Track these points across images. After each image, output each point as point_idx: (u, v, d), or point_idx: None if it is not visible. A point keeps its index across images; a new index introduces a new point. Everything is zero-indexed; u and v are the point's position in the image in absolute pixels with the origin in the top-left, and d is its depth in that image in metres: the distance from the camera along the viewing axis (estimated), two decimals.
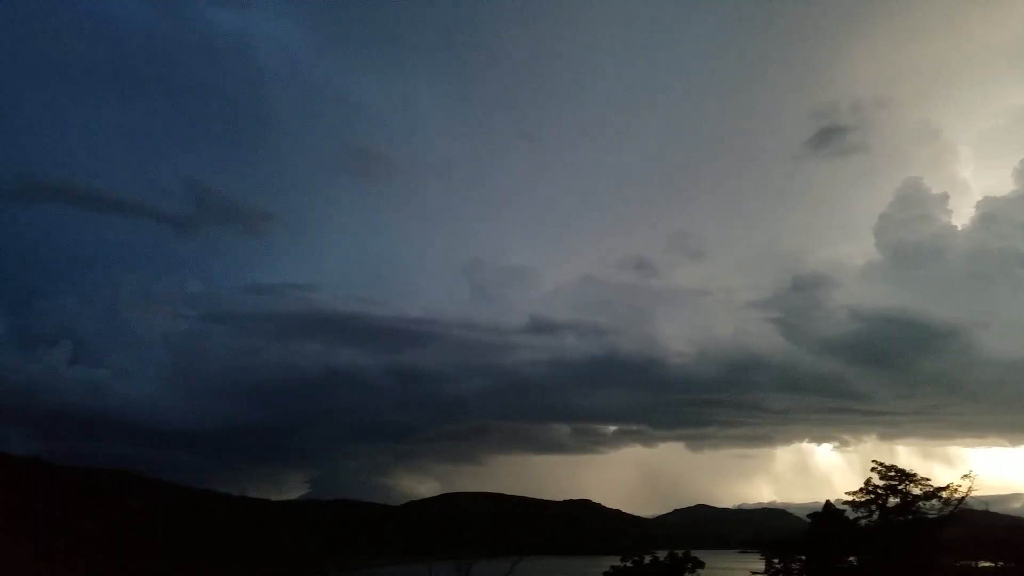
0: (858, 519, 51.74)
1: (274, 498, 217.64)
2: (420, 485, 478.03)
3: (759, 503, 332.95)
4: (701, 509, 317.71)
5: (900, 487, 50.22)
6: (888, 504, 50.31)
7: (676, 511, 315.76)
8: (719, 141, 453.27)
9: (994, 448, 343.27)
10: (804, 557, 53.97)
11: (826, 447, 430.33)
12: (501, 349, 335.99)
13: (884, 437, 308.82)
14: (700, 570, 56.94)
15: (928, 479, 50.17)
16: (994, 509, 65.70)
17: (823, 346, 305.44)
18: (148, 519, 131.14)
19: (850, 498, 51.67)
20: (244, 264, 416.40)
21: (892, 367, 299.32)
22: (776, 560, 55.14)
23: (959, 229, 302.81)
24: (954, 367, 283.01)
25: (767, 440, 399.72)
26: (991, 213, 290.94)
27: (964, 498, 48.79)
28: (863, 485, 51.23)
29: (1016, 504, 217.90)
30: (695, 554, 58.67)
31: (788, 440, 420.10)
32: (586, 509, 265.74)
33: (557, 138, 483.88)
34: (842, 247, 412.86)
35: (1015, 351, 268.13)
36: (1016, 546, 58.33)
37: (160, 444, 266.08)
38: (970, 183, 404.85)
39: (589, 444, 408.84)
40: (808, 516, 57.92)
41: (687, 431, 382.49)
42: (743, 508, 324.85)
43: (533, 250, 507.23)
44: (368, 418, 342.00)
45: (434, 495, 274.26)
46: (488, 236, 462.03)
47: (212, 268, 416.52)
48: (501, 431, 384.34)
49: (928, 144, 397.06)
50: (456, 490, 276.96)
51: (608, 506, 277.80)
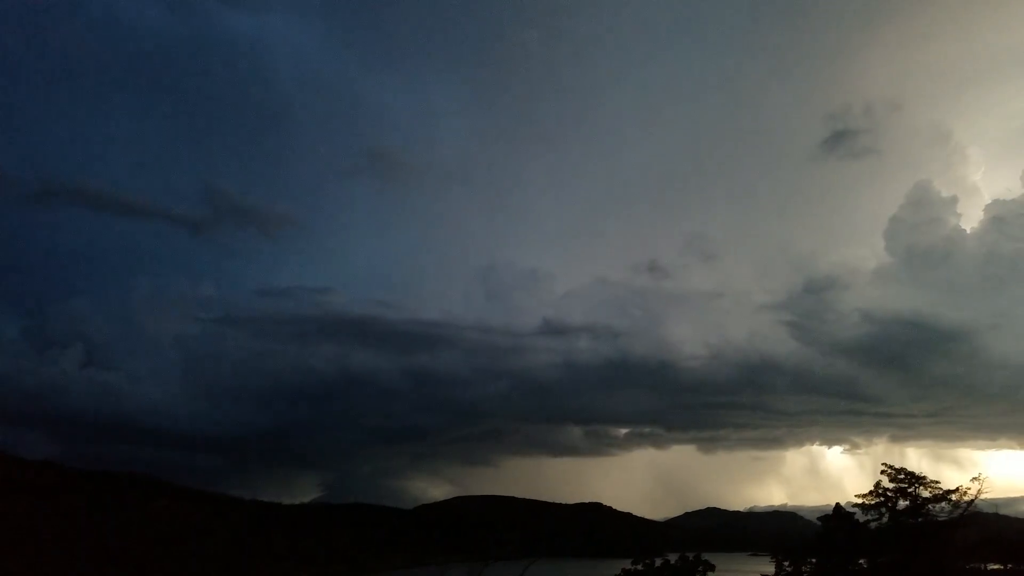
0: (868, 522, 51.96)
1: (286, 501, 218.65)
2: (433, 488, 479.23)
3: (770, 506, 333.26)
4: (712, 512, 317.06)
5: (910, 490, 50.40)
6: (898, 507, 50.51)
7: (687, 514, 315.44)
8: (733, 144, 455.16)
9: (1004, 451, 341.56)
10: (814, 560, 54.24)
11: (837, 450, 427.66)
12: (515, 352, 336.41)
13: (895, 440, 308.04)
14: (711, 573, 57.28)
15: (938, 482, 50.39)
16: (1004, 512, 65.87)
17: (835, 348, 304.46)
18: (161, 523, 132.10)
19: (860, 501, 51.95)
20: (259, 267, 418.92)
21: (903, 370, 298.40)
22: (787, 563, 55.46)
23: (968, 232, 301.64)
24: (965, 370, 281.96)
25: (779, 443, 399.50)
26: (1000, 216, 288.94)
27: (974, 501, 48.96)
28: (873, 488, 51.49)
29: None
30: (706, 557, 59.05)
31: (800, 443, 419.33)
32: (597, 512, 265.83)
33: (572, 141, 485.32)
34: (854, 249, 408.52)
35: None
36: None
37: (175, 447, 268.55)
38: (980, 186, 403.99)
39: (601, 446, 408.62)
40: (818, 519, 58.12)
41: (700, 433, 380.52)
42: (754, 511, 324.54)
43: (547, 253, 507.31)
44: (383, 421, 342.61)
45: (447, 498, 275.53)
46: (503, 239, 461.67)
47: (227, 271, 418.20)
48: (514, 434, 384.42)
49: (938, 147, 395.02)
50: (469, 493, 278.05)
51: (619, 509, 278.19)
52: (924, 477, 50.56)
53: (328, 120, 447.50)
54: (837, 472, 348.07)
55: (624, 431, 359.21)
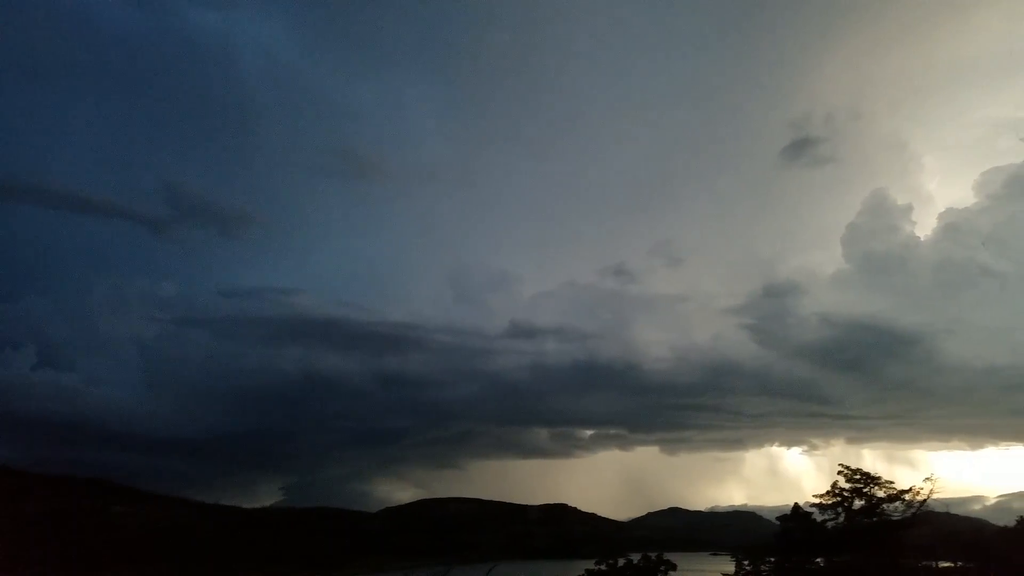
0: (825, 521, 53.36)
1: (248, 505, 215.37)
2: (399, 491, 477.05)
3: (731, 506, 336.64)
4: (675, 512, 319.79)
5: (865, 490, 51.92)
6: (854, 507, 51.98)
7: (651, 514, 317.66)
8: (699, 150, 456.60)
9: (956, 452, 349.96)
10: (773, 559, 55.46)
11: (796, 451, 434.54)
12: (484, 354, 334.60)
13: (852, 441, 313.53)
14: (673, 572, 58.29)
15: (892, 482, 51.98)
16: (955, 511, 67.75)
17: (795, 352, 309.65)
18: (122, 528, 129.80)
19: (818, 501, 53.35)
20: (222, 267, 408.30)
21: (860, 373, 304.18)
22: (746, 562, 56.63)
23: (922, 240, 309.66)
24: (920, 373, 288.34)
25: (741, 444, 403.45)
26: (953, 224, 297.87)
27: (926, 500, 50.60)
28: (830, 488, 52.92)
29: (976, 506, 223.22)
30: (668, 556, 60.05)
31: (760, 444, 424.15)
32: (563, 513, 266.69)
33: (543, 145, 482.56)
34: (813, 255, 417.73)
35: (978, 358, 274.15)
36: (976, 547, 60.26)
37: (135, 451, 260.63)
38: (934, 195, 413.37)
39: (568, 448, 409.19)
40: (777, 519, 59.41)
41: (664, 435, 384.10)
42: (715, 511, 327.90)
43: (517, 255, 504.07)
44: (349, 424, 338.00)
45: (413, 501, 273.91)
46: (472, 241, 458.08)
47: (189, 271, 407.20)
48: (483, 436, 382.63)
49: (895, 156, 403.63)
50: (435, 496, 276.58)
51: (584, 510, 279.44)
52: (879, 478, 52.13)
53: (297, 118, 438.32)
54: (796, 473, 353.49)
55: (590, 433, 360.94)
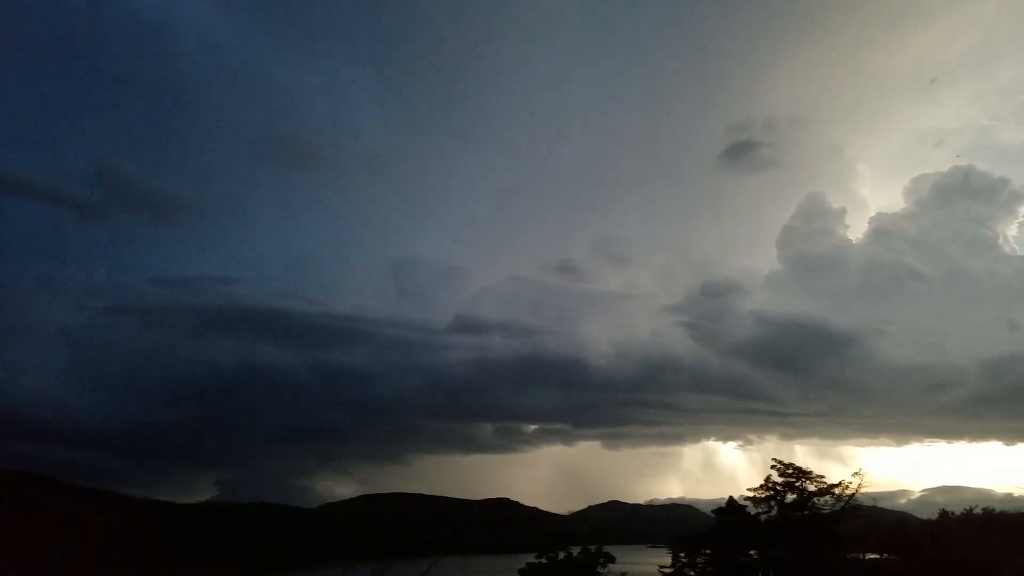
0: (759, 514, 54.68)
1: (181, 500, 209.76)
2: (339, 487, 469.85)
3: (668, 499, 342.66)
4: (614, 505, 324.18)
5: (797, 484, 53.46)
6: (786, 500, 53.44)
7: (591, 507, 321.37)
8: (642, 150, 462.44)
9: (884, 448, 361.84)
10: (708, 552, 56.51)
11: (731, 445, 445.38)
12: (428, 348, 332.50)
13: (785, 437, 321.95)
14: (611, 565, 58.87)
15: (823, 476, 53.66)
16: (882, 505, 69.84)
17: (731, 350, 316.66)
18: (51, 523, 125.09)
19: (752, 494, 54.66)
20: (155, 254, 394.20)
21: (794, 371, 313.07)
22: (682, 554, 57.57)
23: (854, 243, 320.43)
24: (851, 372, 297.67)
25: (679, 439, 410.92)
26: (883, 228, 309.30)
27: (855, 494, 52.35)
28: (764, 482, 54.29)
29: (902, 500, 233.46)
30: (607, 549, 60.67)
31: (698, 439, 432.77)
32: (505, 507, 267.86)
33: (489, 139, 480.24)
34: (751, 256, 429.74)
35: (905, 358, 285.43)
36: (902, 540, 62.44)
37: (65, 443, 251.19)
38: (867, 199, 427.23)
39: (511, 443, 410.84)
40: (713, 511, 60.62)
41: (607, 430, 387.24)
42: (653, 504, 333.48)
43: (462, 249, 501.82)
44: (289, 418, 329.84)
45: (353, 496, 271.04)
46: (417, 233, 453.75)
47: (120, 258, 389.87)
48: (427, 431, 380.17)
49: (832, 161, 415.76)
50: (377, 491, 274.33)
51: (526, 504, 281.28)
52: (810, 472, 53.73)
53: (236, 102, 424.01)
54: (731, 467, 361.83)
55: (533, 428, 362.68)
